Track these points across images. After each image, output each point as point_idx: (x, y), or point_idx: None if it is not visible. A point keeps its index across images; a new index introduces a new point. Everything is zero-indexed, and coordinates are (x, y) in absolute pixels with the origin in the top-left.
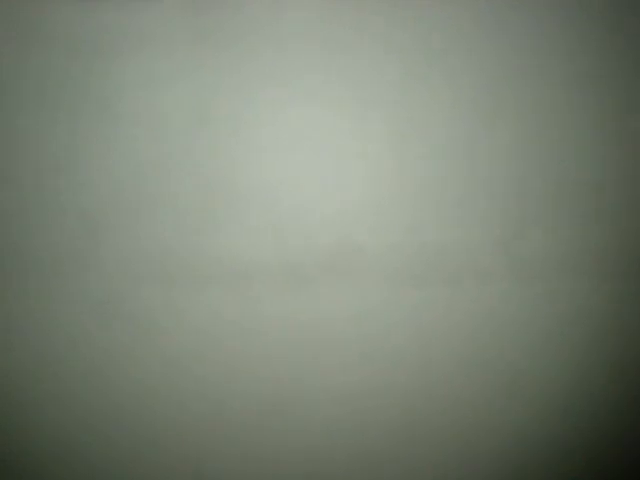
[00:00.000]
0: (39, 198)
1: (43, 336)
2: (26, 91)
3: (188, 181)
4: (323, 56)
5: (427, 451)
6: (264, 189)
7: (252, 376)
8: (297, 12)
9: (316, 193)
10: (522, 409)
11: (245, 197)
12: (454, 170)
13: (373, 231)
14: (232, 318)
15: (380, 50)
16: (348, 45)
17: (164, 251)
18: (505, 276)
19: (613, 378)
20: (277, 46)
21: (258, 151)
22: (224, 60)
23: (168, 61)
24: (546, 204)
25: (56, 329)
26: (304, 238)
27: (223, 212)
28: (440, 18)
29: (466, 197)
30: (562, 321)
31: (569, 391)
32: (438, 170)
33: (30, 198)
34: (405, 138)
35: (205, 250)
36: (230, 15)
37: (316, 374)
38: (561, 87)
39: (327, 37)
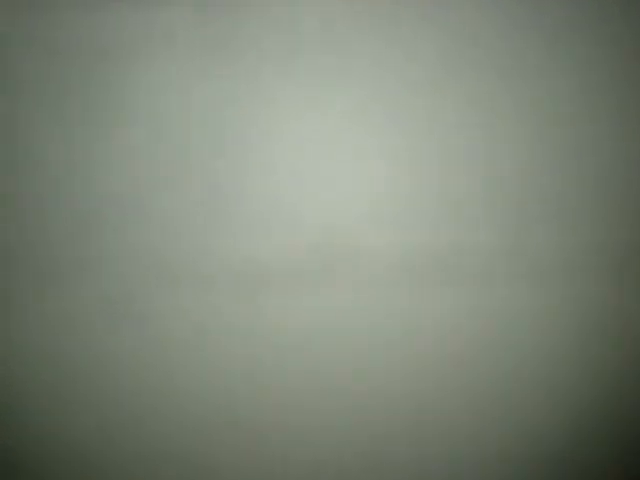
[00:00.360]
0: (52, 199)
1: (54, 336)
2: (32, 95)
3: (197, 183)
4: (335, 60)
5: (427, 452)
6: (271, 192)
7: (256, 377)
8: (312, 16)
9: (319, 195)
10: (528, 411)
11: (252, 199)
12: (460, 170)
13: (380, 232)
14: (238, 319)
15: (392, 53)
16: (358, 48)
17: (173, 252)
18: (514, 277)
19: (619, 377)
20: (289, 50)
21: (264, 154)
22: (233, 62)
23: (178, 65)
24: (557, 204)
25: (67, 329)
26: (310, 240)
27: (230, 214)
28: (452, 18)
29: (473, 197)
30: (572, 322)
31: (579, 393)
32: (445, 171)
33: (44, 199)
34: (411, 139)
35: (212, 251)
36: (244, 20)
37: (320, 375)
38: (575, 85)
39: (341, 41)
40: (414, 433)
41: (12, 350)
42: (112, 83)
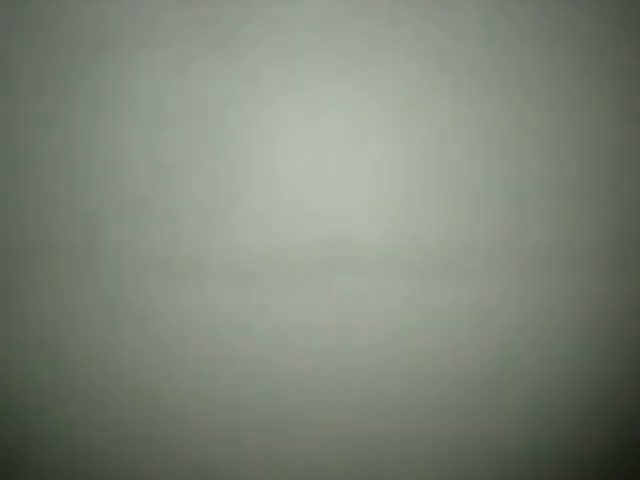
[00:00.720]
0: (52, 199)
1: (54, 336)
2: (27, 90)
3: (197, 182)
4: (326, 53)
5: (426, 446)
6: (269, 188)
7: (257, 375)
8: (312, 16)
9: (319, 190)
10: (520, 405)
11: (250, 195)
12: (459, 167)
13: (375, 228)
14: (238, 316)
15: (389, 54)
16: (358, 48)
17: (174, 251)
18: (506, 270)
19: (615, 373)
20: (289, 50)
21: (265, 153)
22: (234, 62)
23: (179, 62)
24: (548, 198)
25: (67, 327)
26: (308, 235)
27: (229, 211)
28: (452, 18)
29: (473, 193)
30: (563, 316)
31: (570, 386)
32: (439, 166)
33: (44, 199)
34: (411, 137)
35: (212, 249)
36: (244, 20)
37: (320, 370)
38: (574, 82)
39: (341, 41)
40: (414, 428)
41: (12, 350)
42: (111, 83)
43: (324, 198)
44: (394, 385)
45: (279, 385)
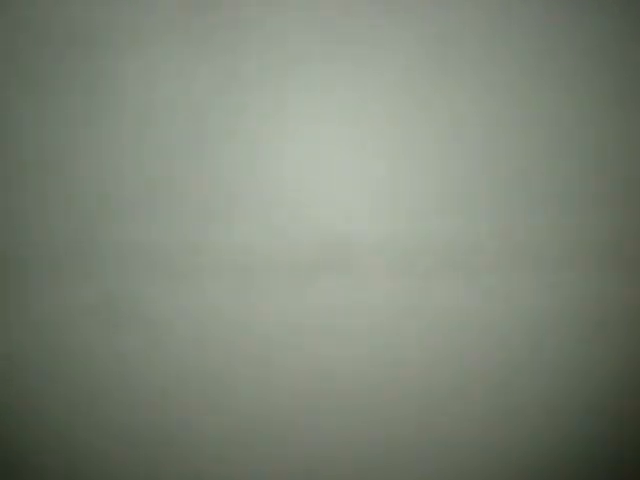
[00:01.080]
0: (54, 195)
1: (55, 335)
2: (26, 89)
3: (194, 181)
4: (325, 53)
5: (425, 447)
6: (269, 188)
7: (260, 375)
8: (311, 18)
9: (319, 190)
10: (523, 400)
11: (250, 196)
12: (458, 165)
13: (376, 224)
14: (238, 315)
15: (382, 48)
16: (359, 50)
17: (174, 250)
18: (509, 266)
19: (616, 370)
20: (280, 41)
21: (261, 149)
22: (233, 62)
23: (177, 59)
24: (551, 193)
25: (67, 327)
26: (307, 235)
27: (229, 211)
28: (452, 18)
29: (470, 192)
30: (565, 311)
31: (571, 383)
32: (442, 161)
33: (45, 195)
34: (411, 137)
35: (213, 249)
36: (245, 24)
37: (318, 368)
38: (575, 83)
39: (339, 42)
40: (416, 428)
41: (12, 350)
42: (112, 83)
43: (324, 198)
44: (398, 386)
45: (279, 385)
